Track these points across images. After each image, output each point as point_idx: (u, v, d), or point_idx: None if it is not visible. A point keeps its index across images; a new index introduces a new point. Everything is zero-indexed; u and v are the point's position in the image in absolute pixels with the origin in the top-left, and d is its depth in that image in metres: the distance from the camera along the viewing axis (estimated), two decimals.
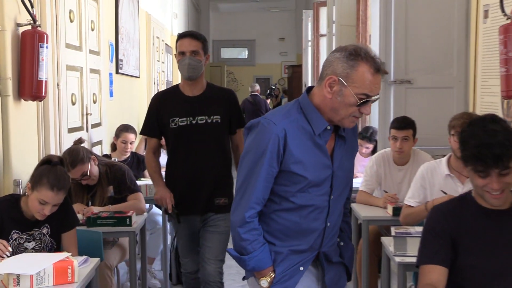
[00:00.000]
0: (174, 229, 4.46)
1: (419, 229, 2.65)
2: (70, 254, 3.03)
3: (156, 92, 9.60)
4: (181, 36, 3.97)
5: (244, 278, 2.65)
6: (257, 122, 2.45)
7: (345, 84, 2.32)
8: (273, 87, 16.66)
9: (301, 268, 2.49)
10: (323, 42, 10.65)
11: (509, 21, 3.69)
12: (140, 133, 4.21)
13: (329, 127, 2.43)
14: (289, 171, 2.40)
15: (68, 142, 4.73)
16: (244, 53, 23.70)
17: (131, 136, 5.70)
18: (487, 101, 4.34)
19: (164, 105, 3.98)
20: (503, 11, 3.76)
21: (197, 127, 3.89)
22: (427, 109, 5.18)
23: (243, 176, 2.46)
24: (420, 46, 5.18)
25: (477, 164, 2.33)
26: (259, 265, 2.44)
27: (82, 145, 4.38)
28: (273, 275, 2.46)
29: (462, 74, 5.07)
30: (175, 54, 4.00)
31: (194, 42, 3.89)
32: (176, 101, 3.95)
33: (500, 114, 4.06)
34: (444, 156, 3.79)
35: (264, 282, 2.46)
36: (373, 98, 2.35)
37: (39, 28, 4.02)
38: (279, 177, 2.42)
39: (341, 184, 2.51)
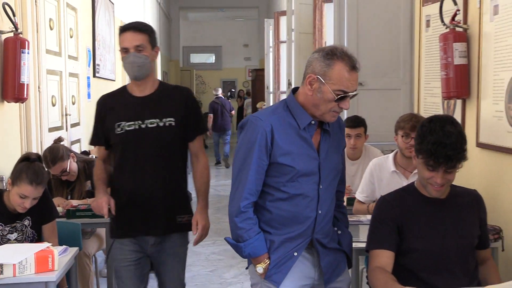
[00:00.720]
0: (110, 259, 3.31)
1: (370, 217, 2.68)
2: (51, 244, 3.00)
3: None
4: (122, 30, 3.04)
5: (247, 268, 2.63)
6: (246, 120, 2.48)
7: (323, 81, 2.34)
8: (233, 90, 17.69)
9: (295, 254, 2.47)
10: (283, 48, 10.67)
11: (447, 30, 3.74)
12: (89, 143, 3.40)
13: (313, 122, 2.44)
14: (277, 162, 2.41)
15: (49, 140, 4.67)
16: (211, 58, 23.67)
17: None
18: (429, 101, 4.40)
19: (109, 108, 3.12)
20: (442, 21, 3.81)
21: (147, 132, 3.01)
22: (376, 108, 5.21)
23: (237, 170, 2.47)
24: (370, 52, 5.21)
25: (430, 159, 2.36)
26: (254, 251, 2.44)
27: (62, 143, 4.33)
28: (268, 262, 2.45)
29: (408, 77, 5.13)
30: (119, 51, 3.09)
31: (138, 35, 3.00)
32: (123, 103, 3.09)
33: (441, 113, 4.12)
34: (392, 151, 3.82)
35: (260, 268, 2.45)
36: (350, 94, 2.35)
37: (20, 35, 3.98)
38: (270, 169, 2.43)
39: (330, 175, 2.51)
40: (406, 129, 3.48)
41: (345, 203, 2.84)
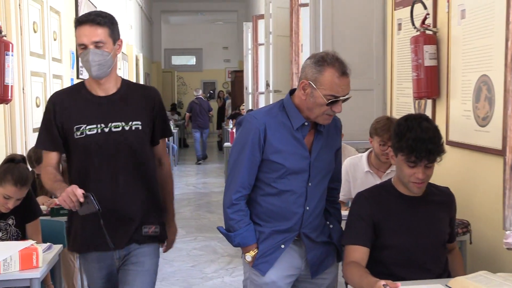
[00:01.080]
0: (85, 274, 2.89)
1: (347, 212, 2.69)
2: (35, 241, 2.96)
3: None
4: (78, 23, 2.56)
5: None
6: (243, 118, 2.53)
7: (315, 87, 2.37)
8: (211, 92, 18.06)
9: (282, 246, 2.52)
10: (261, 50, 10.66)
11: (418, 33, 3.76)
12: (35, 147, 3.07)
13: (306, 123, 2.47)
14: (269, 160, 2.45)
15: (33, 141, 4.59)
16: (192, 60, 23.60)
17: None
18: (401, 101, 4.42)
19: (65, 108, 2.62)
20: (413, 24, 3.83)
21: (112, 137, 2.59)
22: (351, 108, 5.17)
23: (231, 164, 2.52)
24: (344, 53, 5.14)
25: (411, 155, 2.36)
26: (243, 241, 2.50)
27: None
28: (257, 251, 2.51)
29: (381, 78, 5.15)
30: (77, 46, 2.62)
31: (96, 30, 2.53)
32: (82, 103, 2.63)
33: (412, 112, 4.14)
34: (366, 149, 3.82)
35: (248, 256, 2.51)
36: (341, 98, 2.38)
37: (5, 38, 3.91)
38: (262, 165, 2.47)
39: (319, 174, 2.53)
40: (384, 138, 3.46)
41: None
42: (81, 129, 2.59)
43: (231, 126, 11.40)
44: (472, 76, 3.28)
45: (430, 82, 3.71)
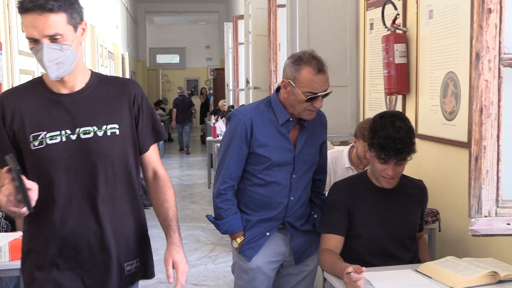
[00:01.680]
0: None
1: None
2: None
3: None
4: (23, 10, 1.79)
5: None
6: (232, 113, 2.55)
7: (294, 85, 2.39)
8: (193, 89, 18.45)
9: (267, 233, 2.54)
10: (241, 49, 10.62)
11: (389, 32, 3.76)
12: None
13: (291, 119, 2.49)
14: (255, 153, 2.47)
15: None
16: (176, 59, 23.46)
17: None
18: (373, 97, 4.42)
19: (17, 110, 1.89)
20: (384, 24, 3.83)
21: (81, 146, 1.88)
22: (326, 103, 5.14)
23: (220, 156, 2.54)
24: (319, 52, 5.14)
25: (381, 153, 2.36)
26: (230, 229, 2.53)
27: None
28: (243, 238, 2.53)
29: (354, 75, 5.15)
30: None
31: (49, 17, 1.76)
32: (40, 104, 1.90)
33: (384, 108, 4.15)
34: (341, 142, 3.81)
35: (235, 243, 2.54)
36: (320, 94, 2.39)
37: None
38: (249, 158, 2.49)
39: (304, 166, 2.55)
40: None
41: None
42: (40, 137, 1.87)
43: (213, 121, 11.36)
44: (440, 73, 3.29)
45: (400, 79, 3.71)
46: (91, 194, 1.91)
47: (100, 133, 1.92)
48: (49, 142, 1.88)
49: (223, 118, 9.72)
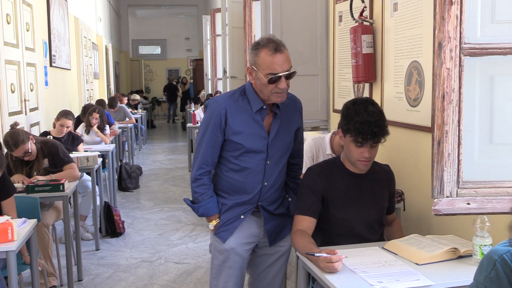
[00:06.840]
0: None
1: None
2: (10, 217, 2.83)
3: (85, 81, 9.17)
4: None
5: None
6: (208, 102, 2.47)
7: (256, 69, 2.32)
8: (178, 78, 19.93)
9: (242, 216, 2.50)
10: (219, 40, 10.54)
11: (357, 24, 3.73)
12: None
13: (264, 107, 2.42)
14: (230, 140, 2.41)
15: (9, 124, 4.43)
16: (157, 50, 23.21)
17: (68, 122, 5.32)
18: (343, 85, 4.40)
19: None
20: (352, 16, 3.79)
21: None
22: (299, 92, 5.10)
23: (197, 143, 2.48)
24: (292, 43, 5.16)
25: (358, 137, 2.32)
26: (206, 212, 2.48)
27: (18, 127, 4.10)
28: (219, 220, 2.49)
29: (324, 65, 5.11)
30: None
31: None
32: None
33: (352, 95, 4.13)
34: (312, 128, 3.77)
35: (211, 225, 2.50)
36: (281, 74, 2.30)
37: None
38: (225, 144, 2.43)
39: (278, 152, 2.48)
40: None
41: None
42: None
43: (193, 108, 11.26)
44: (404, 62, 3.27)
45: (367, 68, 3.69)
46: None
47: None
48: None
49: (202, 106, 9.67)
